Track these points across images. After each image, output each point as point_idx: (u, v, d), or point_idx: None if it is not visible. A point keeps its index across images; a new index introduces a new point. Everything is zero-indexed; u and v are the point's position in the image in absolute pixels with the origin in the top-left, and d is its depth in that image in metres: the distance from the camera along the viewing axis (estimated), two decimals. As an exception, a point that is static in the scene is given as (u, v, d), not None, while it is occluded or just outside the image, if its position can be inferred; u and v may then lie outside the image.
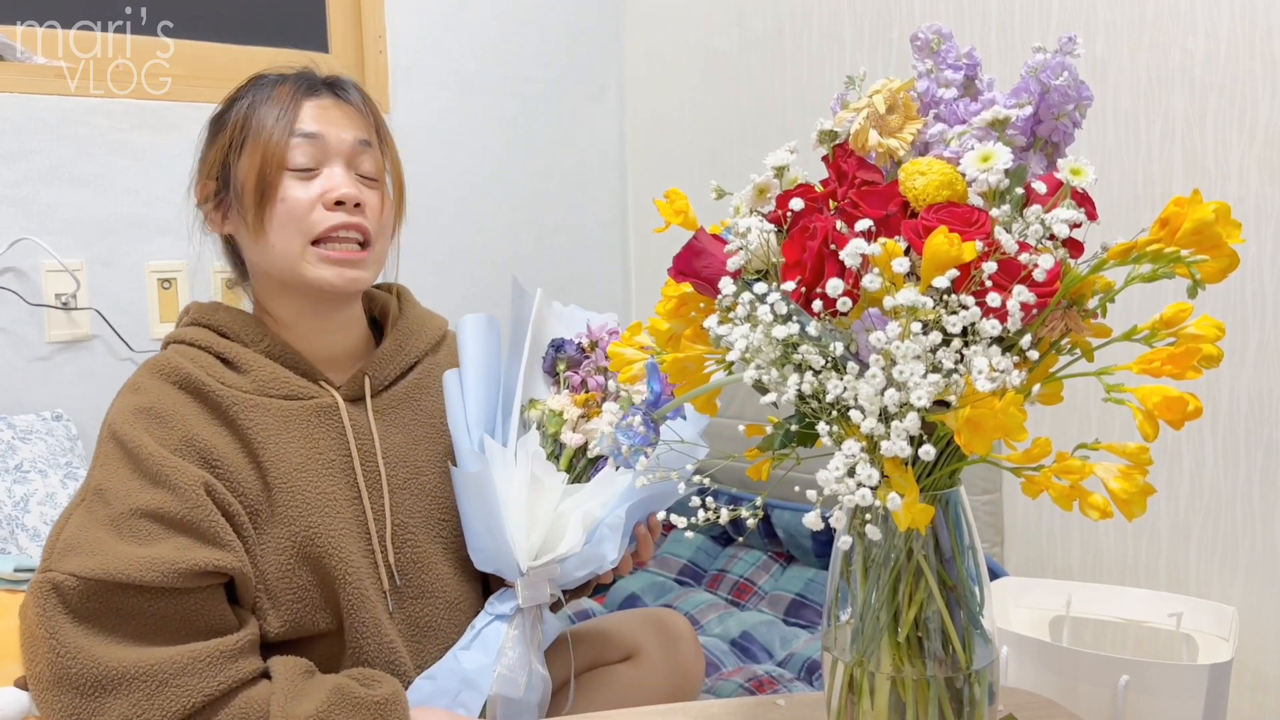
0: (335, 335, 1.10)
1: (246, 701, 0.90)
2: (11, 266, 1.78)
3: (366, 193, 1.05)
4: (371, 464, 1.05)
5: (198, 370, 1.01)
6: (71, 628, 0.88)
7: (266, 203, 1.01)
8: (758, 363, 0.61)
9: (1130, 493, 0.59)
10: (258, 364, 1.04)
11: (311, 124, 1.03)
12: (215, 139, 1.06)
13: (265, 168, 1.01)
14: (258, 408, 1.01)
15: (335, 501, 1.02)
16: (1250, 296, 1.36)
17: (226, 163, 1.04)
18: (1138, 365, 0.61)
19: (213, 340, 1.04)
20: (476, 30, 2.32)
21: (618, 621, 1.23)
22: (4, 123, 1.77)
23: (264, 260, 1.05)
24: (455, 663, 1.00)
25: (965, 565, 0.70)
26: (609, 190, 2.56)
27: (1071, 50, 0.68)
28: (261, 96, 1.05)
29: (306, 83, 1.06)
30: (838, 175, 0.70)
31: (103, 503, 0.93)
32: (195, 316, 1.08)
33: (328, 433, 1.04)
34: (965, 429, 0.57)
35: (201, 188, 1.08)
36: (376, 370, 1.10)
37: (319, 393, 1.05)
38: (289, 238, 1.02)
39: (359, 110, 1.08)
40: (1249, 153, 1.36)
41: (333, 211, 1.02)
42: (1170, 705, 1.10)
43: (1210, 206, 0.60)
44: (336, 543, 1.00)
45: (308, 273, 1.02)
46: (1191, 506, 1.46)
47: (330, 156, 1.04)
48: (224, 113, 1.07)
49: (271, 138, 1.01)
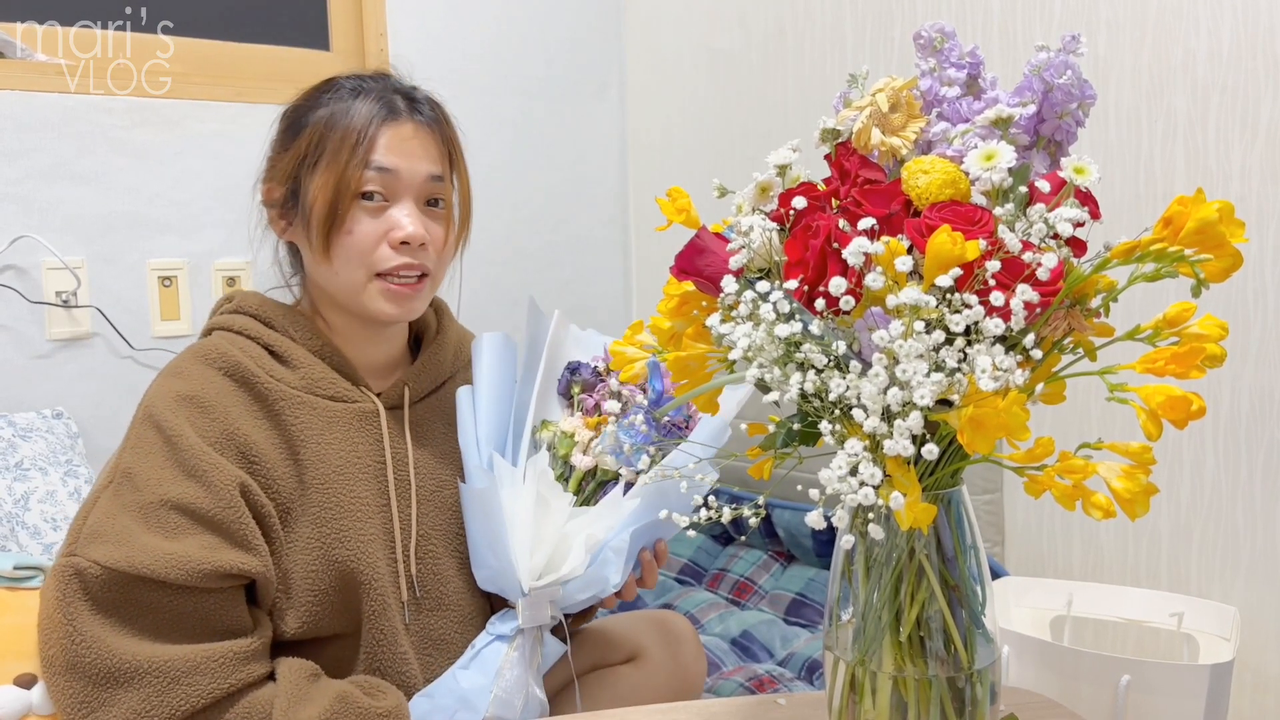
0: (381, 346, 1.10)
1: (251, 703, 0.90)
2: (12, 264, 1.78)
3: (432, 226, 1.04)
4: (403, 473, 1.06)
5: (247, 360, 1.00)
6: (90, 616, 0.87)
7: (334, 231, 1.00)
8: (760, 361, 0.61)
9: (1133, 492, 0.59)
10: (306, 361, 1.04)
11: (388, 156, 1.01)
12: (289, 145, 1.04)
13: (338, 197, 0.99)
14: (304, 405, 1.01)
15: (367, 507, 1.02)
16: (1252, 296, 1.36)
17: (298, 175, 1.02)
18: (1141, 364, 0.61)
19: (261, 331, 1.04)
20: (478, 29, 2.31)
21: (620, 623, 1.23)
22: (5, 120, 1.76)
23: (324, 280, 1.05)
24: (454, 681, 1.00)
25: (967, 564, 0.70)
26: (610, 189, 2.56)
27: (1075, 49, 0.68)
28: (341, 111, 1.02)
29: (387, 104, 1.03)
30: (840, 174, 0.70)
31: (132, 488, 0.92)
32: (241, 305, 1.07)
33: (366, 438, 1.04)
34: (968, 428, 0.57)
35: (269, 190, 1.07)
36: (415, 381, 1.10)
37: (361, 397, 1.06)
38: (353, 269, 1.01)
39: (437, 138, 1.06)
40: (1251, 152, 1.36)
41: (397, 251, 1.01)
42: (1171, 705, 1.10)
43: (1214, 205, 0.60)
44: (364, 548, 1.00)
45: (368, 303, 1.03)
46: (1193, 506, 1.45)
47: (402, 191, 1.02)
48: (300, 118, 1.04)
49: (347, 167, 0.99)
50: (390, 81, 1.07)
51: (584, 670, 1.17)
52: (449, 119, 1.10)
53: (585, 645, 1.18)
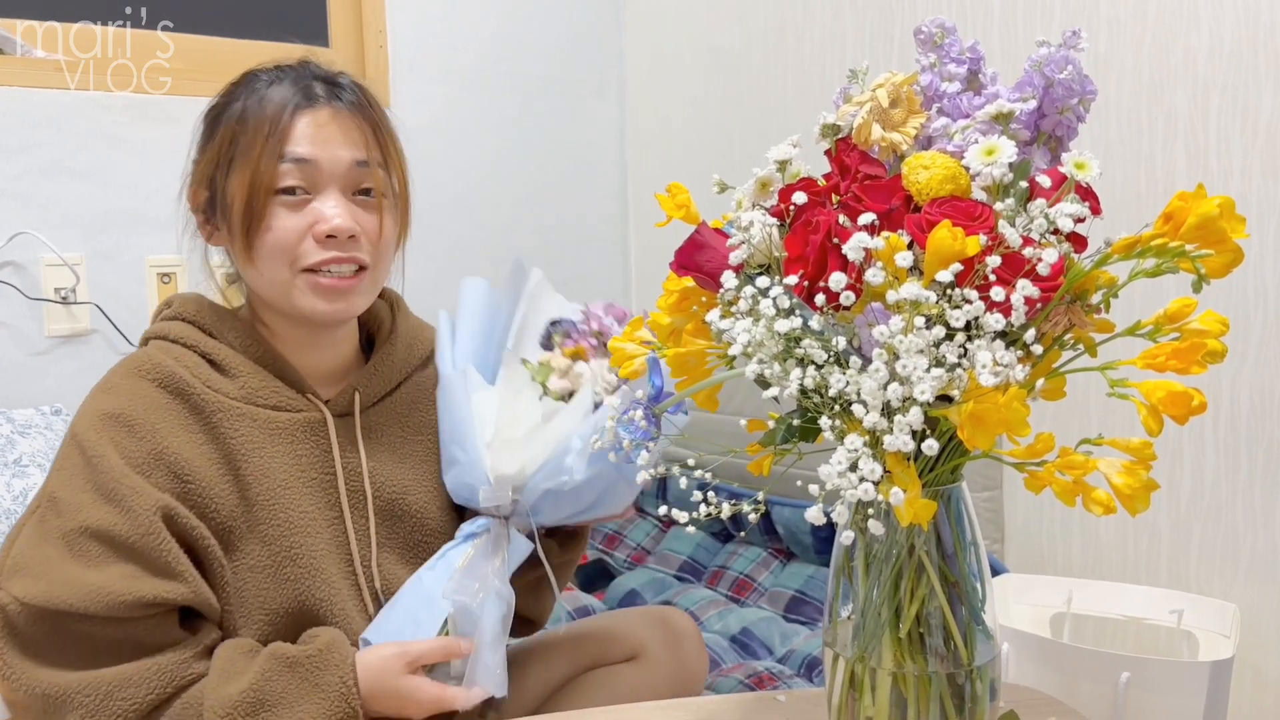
0: (327, 351, 1.05)
1: (187, 699, 0.88)
2: (11, 260, 1.77)
3: (363, 216, 0.98)
4: (357, 483, 1.02)
5: (183, 370, 0.96)
6: (15, 653, 0.86)
7: (255, 231, 0.95)
8: (760, 357, 0.61)
9: (1134, 488, 0.59)
10: (246, 370, 0.99)
11: (305, 145, 0.95)
12: (206, 145, 1.00)
13: (254, 194, 0.94)
14: (244, 417, 0.96)
15: (316, 522, 0.98)
16: (1252, 294, 1.36)
17: (215, 177, 0.98)
18: (1142, 360, 0.61)
19: (199, 339, 0.99)
20: (478, 25, 2.31)
21: (621, 620, 1.22)
22: (4, 116, 1.76)
23: (254, 283, 1.00)
24: (417, 583, 0.98)
25: (967, 561, 0.70)
26: (610, 187, 2.55)
27: (1076, 44, 0.68)
28: (254, 104, 0.96)
29: (302, 90, 0.97)
30: (840, 169, 0.69)
31: (55, 513, 0.89)
32: (179, 310, 1.02)
33: (313, 449, 1.00)
34: (968, 424, 0.57)
35: (193, 194, 1.02)
36: (366, 385, 1.05)
37: (307, 406, 1.01)
38: (277, 267, 0.96)
39: (360, 122, 0.99)
40: (1251, 149, 1.36)
41: (324, 245, 0.96)
42: (1171, 702, 1.10)
43: (1215, 201, 0.59)
44: (317, 564, 0.97)
45: (298, 302, 0.97)
46: (1192, 503, 1.45)
47: (325, 182, 0.96)
48: (217, 116, 1.00)
49: (260, 162, 0.94)
50: (310, 68, 1.01)
51: (584, 668, 1.16)
52: (374, 102, 1.02)
53: (586, 642, 1.17)
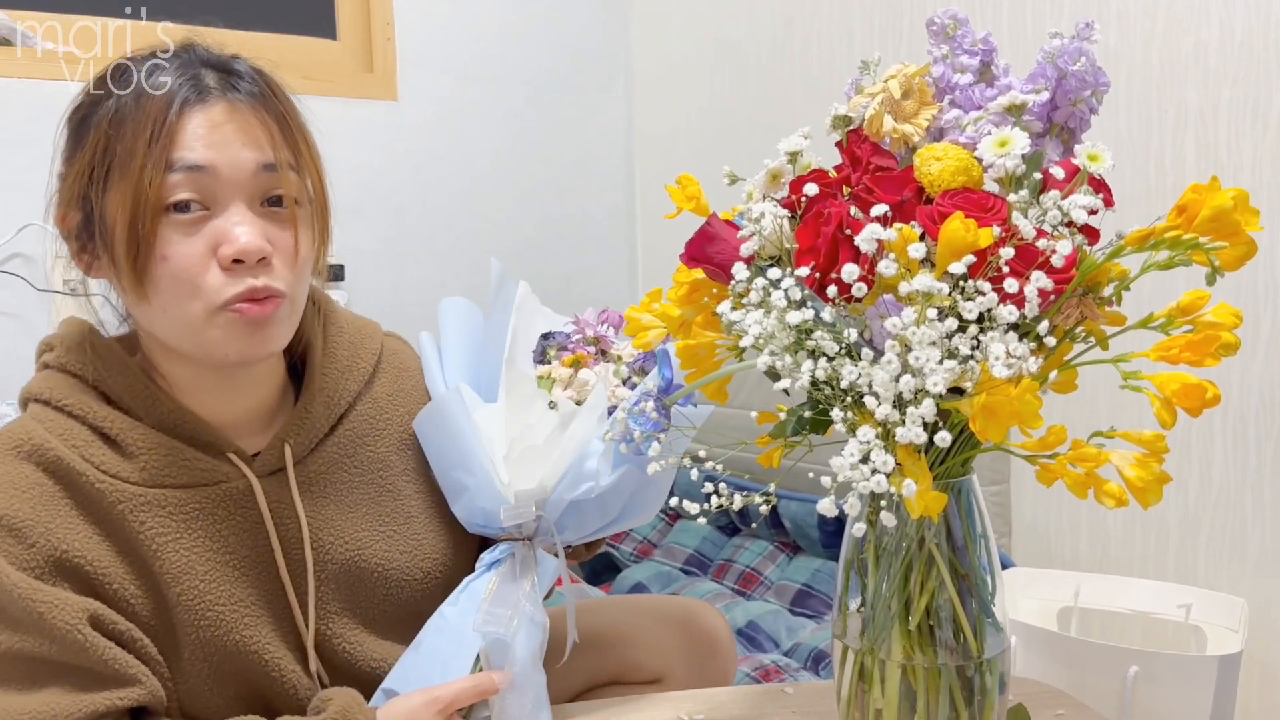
0: (245, 395, 0.87)
1: None
2: (19, 252, 1.78)
3: (275, 233, 0.80)
4: (298, 553, 0.86)
5: (70, 453, 0.79)
6: None
7: (145, 259, 0.76)
8: (771, 349, 0.61)
9: (1146, 480, 0.58)
10: (147, 443, 0.81)
11: (198, 150, 0.76)
12: (74, 156, 0.81)
13: (137, 214, 0.75)
14: (150, 506, 0.80)
15: (253, 607, 0.84)
16: (1262, 288, 1.36)
17: (88, 195, 0.79)
18: (1156, 352, 0.61)
19: (87, 406, 0.81)
20: (485, 19, 2.31)
21: (647, 625, 1.08)
22: (12, 108, 1.76)
23: (150, 325, 0.82)
24: (441, 620, 0.88)
25: (977, 553, 0.70)
26: (616, 180, 2.55)
27: (1089, 36, 0.68)
28: (130, 102, 0.77)
29: (190, 81, 0.78)
30: (852, 161, 0.69)
31: None
32: (61, 359, 0.84)
33: (240, 525, 0.84)
34: (980, 416, 0.57)
35: (62, 217, 0.83)
36: (298, 432, 0.88)
37: (228, 473, 0.84)
38: (182, 304, 0.78)
39: (264, 116, 0.80)
40: (1262, 143, 1.35)
41: (231, 272, 0.77)
42: (1179, 696, 1.10)
43: (1229, 193, 0.59)
44: (260, 653, 0.84)
45: (217, 348, 0.79)
46: (1201, 498, 1.45)
47: (226, 193, 0.78)
48: (84, 118, 0.81)
49: (143, 173, 0.75)
50: (197, 53, 0.82)
51: (604, 682, 1.07)
52: (280, 90, 0.84)
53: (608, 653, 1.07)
